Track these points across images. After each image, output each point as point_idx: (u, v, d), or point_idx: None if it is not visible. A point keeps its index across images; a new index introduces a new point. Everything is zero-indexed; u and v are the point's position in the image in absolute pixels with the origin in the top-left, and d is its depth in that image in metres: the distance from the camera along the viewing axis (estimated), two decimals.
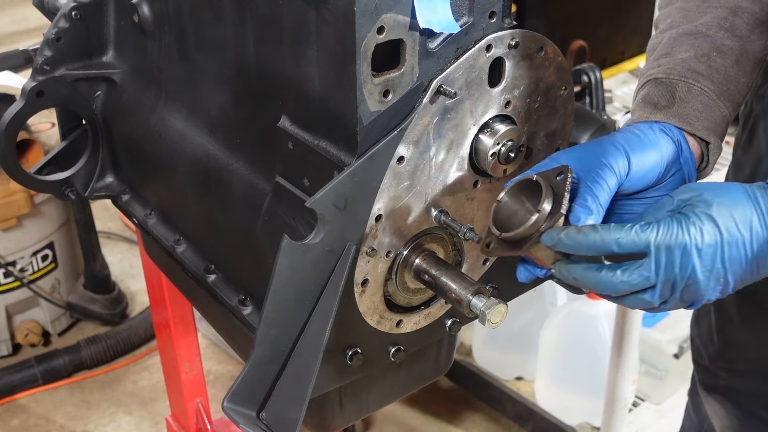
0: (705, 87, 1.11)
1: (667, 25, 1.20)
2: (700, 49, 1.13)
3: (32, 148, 2.67)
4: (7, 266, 2.84)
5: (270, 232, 1.06)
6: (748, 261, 0.90)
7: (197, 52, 1.21)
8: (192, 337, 1.73)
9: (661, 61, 1.15)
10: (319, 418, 1.18)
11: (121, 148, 1.42)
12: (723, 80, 1.12)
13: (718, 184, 0.93)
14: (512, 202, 0.97)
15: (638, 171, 0.99)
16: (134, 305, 3.32)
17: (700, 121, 1.09)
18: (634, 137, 1.01)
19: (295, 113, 1.01)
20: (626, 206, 1.03)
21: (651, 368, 2.56)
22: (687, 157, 1.06)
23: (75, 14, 1.33)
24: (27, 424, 2.78)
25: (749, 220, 0.90)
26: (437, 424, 2.71)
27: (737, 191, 0.91)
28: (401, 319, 1.08)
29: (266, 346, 0.97)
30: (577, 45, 2.74)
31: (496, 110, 1.01)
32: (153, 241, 1.40)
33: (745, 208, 0.90)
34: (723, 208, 0.90)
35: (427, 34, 0.93)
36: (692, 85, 1.11)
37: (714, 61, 1.12)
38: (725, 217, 0.89)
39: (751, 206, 0.90)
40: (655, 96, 1.11)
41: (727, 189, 0.92)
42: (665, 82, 1.12)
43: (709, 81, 1.11)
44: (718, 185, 0.93)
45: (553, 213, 0.92)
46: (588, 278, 0.93)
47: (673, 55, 1.14)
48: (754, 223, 0.90)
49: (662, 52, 1.16)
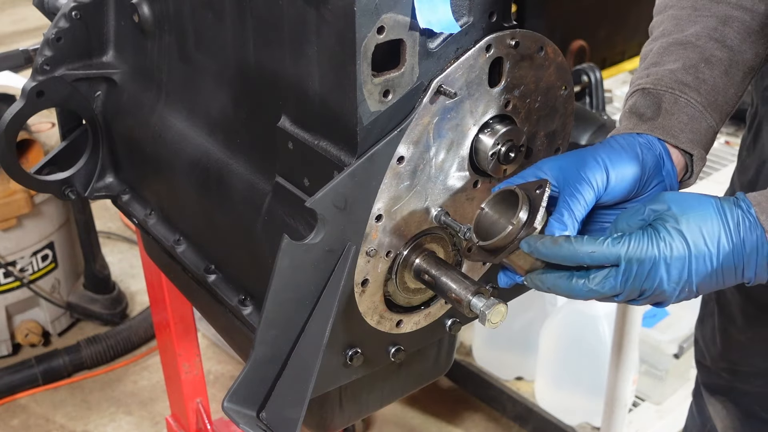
0: (691, 98, 1.12)
1: (660, 33, 1.20)
2: (689, 60, 1.14)
3: (32, 148, 2.67)
4: (7, 266, 2.84)
5: (270, 232, 1.06)
6: (714, 272, 0.93)
7: (197, 52, 1.21)
8: (192, 337, 1.73)
9: (650, 71, 1.16)
10: (319, 418, 1.18)
11: (121, 148, 1.42)
12: (710, 91, 1.13)
13: (691, 196, 0.96)
14: (493, 212, 0.99)
15: (617, 184, 1.01)
16: (134, 305, 3.32)
17: (684, 133, 1.10)
18: (614, 151, 1.03)
19: (295, 113, 1.01)
20: (605, 216, 1.05)
21: (651, 368, 2.56)
22: (669, 170, 1.07)
23: (75, 14, 1.33)
24: (27, 424, 2.78)
25: (717, 235, 0.93)
26: (437, 424, 2.71)
27: (707, 205, 0.94)
28: (401, 319, 1.08)
29: (266, 346, 0.97)
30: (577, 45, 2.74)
31: (496, 110, 1.01)
32: (153, 241, 1.40)
33: (714, 223, 0.93)
34: (692, 223, 0.93)
35: (427, 34, 0.93)
36: (678, 96, 1.12)
37: (702, 72, 1.13)
38: (694, 231, 0.93)
39: (719, 221, 0.93)
40: (642, 107, 1.13)
41: (698, 202, 0.95)
42: (652, 92, 1.13)
43: (696, 92, 1.12)
44: (690, 197, 0.95)
45: (527, 225, 0.95)
46: (560, 286, 0.96)
47: (661, 65, 1.15)
48: (721, 238, 0.93)
49: (652, 61, 1.17)
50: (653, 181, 1.05)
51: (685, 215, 0.93)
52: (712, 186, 2.19)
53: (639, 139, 1.07)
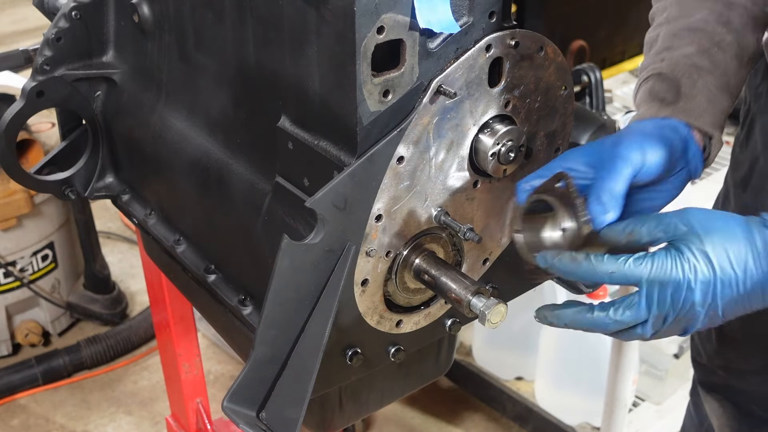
0: (708, 82, 1.12)
1: (664, 19, 1.20)
2: (701, 44, 1.14)
3: (32, 148, 2.67)
4: (7, 266, 2.84)
5: (270, 232, 1.06)
6: (740, 297, 0.90)
7: (197, 52, 1.21)
8: (192, 337, 1.73)
9: (664, 56, 1.15)
10: (319, 418, 1.18)
11: (121, 148, 1.42)
12: (723, 74, 1.13)
13: (717, 215, 0.93)
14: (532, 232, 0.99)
15: (650, 164, 1.00)
16: (134, 305, 3.32)
17: (704, 116, 1.10)
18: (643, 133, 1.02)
19: (295, 113, 1.01)
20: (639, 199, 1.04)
21: (651, 368, 2.56)
22: (694, 152, 1.07)
23: (75, 14, 1.33)
24: (27, 424, 2.78)
25: (744, 259, 0.89)
26: (437, 424, 2.71)
27: (734, 226, 0.91)
28: (401, 319, 1.08)
29: (266, 346, 0.97)
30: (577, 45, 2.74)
31: (496, 110, 1.01)
32: (153, 241, 1.40)
33: (740, 246, 0.89)
34: (718, 245, 0.89)
35: (427, 34, 0.93)
36: (696, 80, 1.12)
37: (715, 56, 1.13)
38: (720, 254, 0.89)
39: (746, 244, 0.90)
40: (661, 91, 1.13)
41: (725, 222, 0.91)
42: (669, 77, 1.13)
43: (711, 76, 1.12)
44: (716, 216, 0.92)
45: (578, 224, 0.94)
46: (580, 321, 0.95)
47: (674, 50, 1.15)
48: (748, 262, 0.89)
49: (663, 46, 1.17)
50: (679, 164, 1.05)
51: (710, 235, 0.90)
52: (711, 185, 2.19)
53: (664, 122, 1.06)
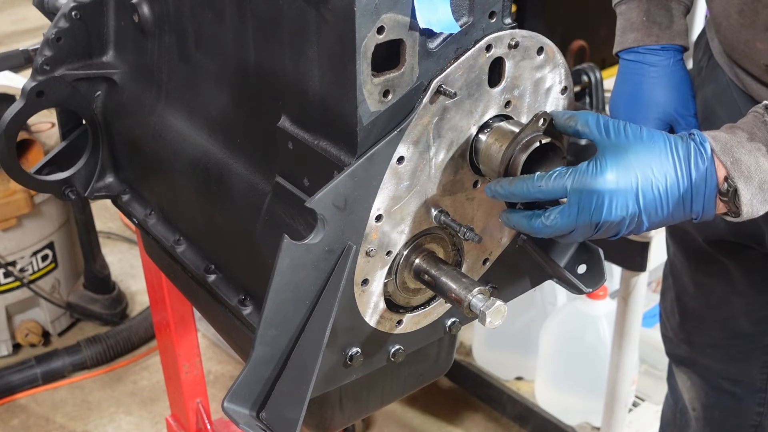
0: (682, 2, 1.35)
1: None
2: None
3: (32, 148, 2.67)
4: (7, 266, 2.84)
5: (270, 232, 1.06)
6: (660, 201, 0.95)
7: (197, 52, 1.21)
8: (192, 337, 1.73)
9: None
10: (319, 418, 1.18)
11: (121, 148, 1.42)
12: None
13: (644, 130, 0.97)
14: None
15: None
16: (134, 305, 3.32)
17: (686, 35, 1.34)
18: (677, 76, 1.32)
19: (295, 113, 1.01)
20: None
21: (651, 368, 2.56)
22: None
23: (75, 14, 1.33)
24: (27, 424, 2.78)
25: (663, 165, 0.94)
26: (437, 424, 2.71)
27: (658, 138, 0.96)
28: (401, 319, 1.08)
29: (266, 346, 0.97)
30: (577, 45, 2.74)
31: (496, 110, 1.01)
32: (153, 241, 1.40)
33: (662, 154, 0.95)
34: (641, 153, 0.94)
35: (427, 34, 0.93)
36: (679, 2, 1.34)
37: None
38: (641, 161, 0.94)
39: (667, 151, 0.95)
40: (658, 16, 1.32)
41: (650, 135, 0.96)
42: (662, 1, 1.33)
43: None
44: (644, 131, 0.97)
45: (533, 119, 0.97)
46: (522, 225, 0.99)
47: None
48: (668, 167, 0.94)
49: None
50: None
51: (633, 146, 0.94)
52: None
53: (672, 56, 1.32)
